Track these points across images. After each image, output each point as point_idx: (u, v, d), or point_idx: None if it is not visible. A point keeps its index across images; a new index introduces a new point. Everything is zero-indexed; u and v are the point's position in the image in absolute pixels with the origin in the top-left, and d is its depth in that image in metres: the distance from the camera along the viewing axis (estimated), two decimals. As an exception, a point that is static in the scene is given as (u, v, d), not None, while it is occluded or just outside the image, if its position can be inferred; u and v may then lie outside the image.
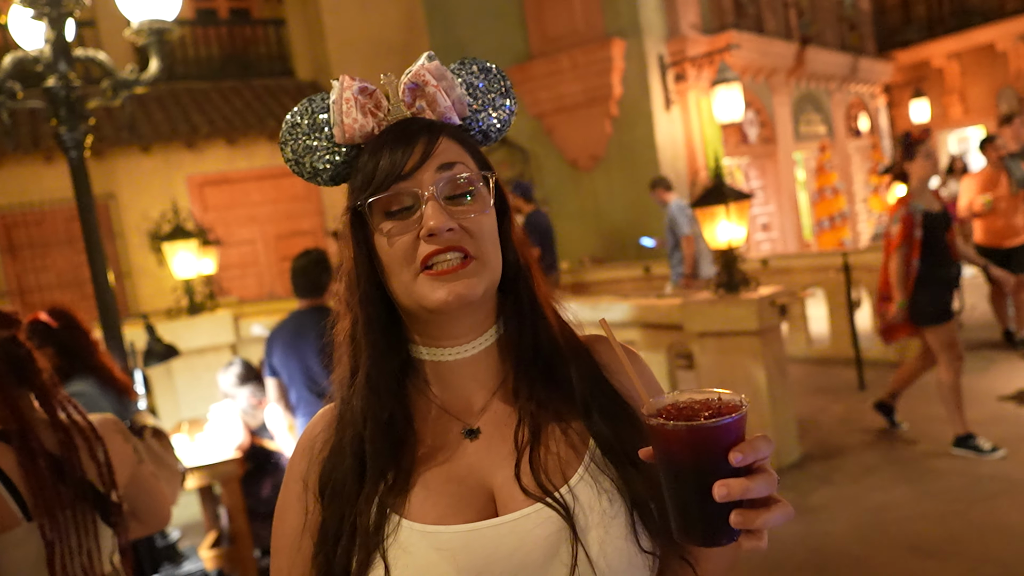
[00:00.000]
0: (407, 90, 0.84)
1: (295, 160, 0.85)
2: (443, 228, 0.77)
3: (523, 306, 0.84)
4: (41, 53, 3.24)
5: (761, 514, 0.64)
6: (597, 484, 0.77)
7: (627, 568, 0.75)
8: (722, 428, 0.64)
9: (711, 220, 4.64)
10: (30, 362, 1.63)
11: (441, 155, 0.80)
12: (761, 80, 11.43)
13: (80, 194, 3.40)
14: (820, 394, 5.78)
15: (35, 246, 8.54)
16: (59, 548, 1.52)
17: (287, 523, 0.85)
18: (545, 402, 0.82)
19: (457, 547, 0.75)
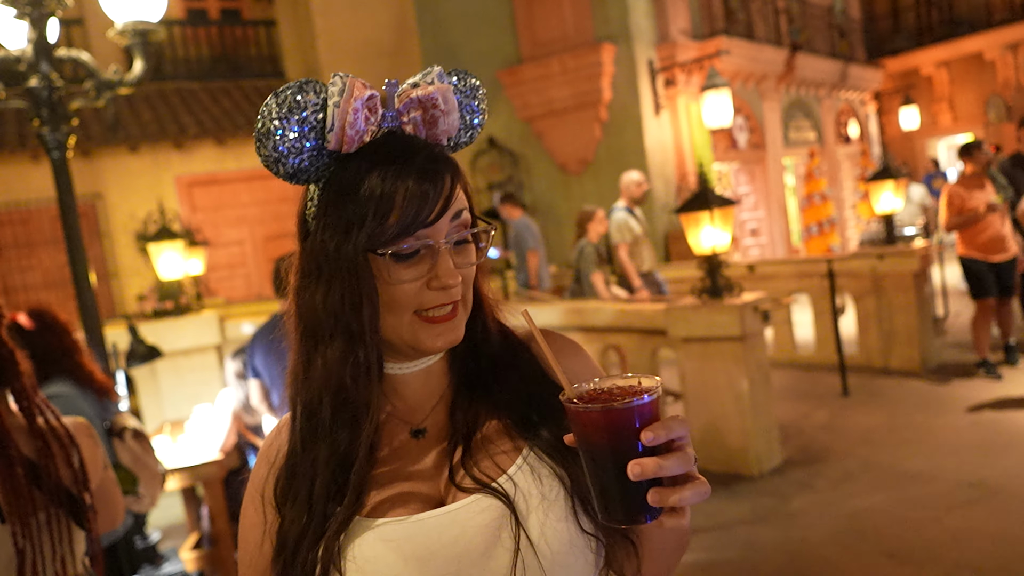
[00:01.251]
0: (411, 101, 0.81)
1: (275, 159, 0.78)
2: (455, 284, 0.79)
3: (476, 330, 0.87)
4: (23, 53, 3.23)
5: (677, 491, 0.66)
6: (535, 472, 0.80)
7: (569, 550, 0.77)
8: (634, 409, 0.67)
9: (695, 226, 4.66)
10: (12, 364, 1.62)
11: (457, 202, 0.80)
12: (751, 86, 11.49)
13: (62, 194, 3.39)
14: (804, 400, 5.81)
15: (21, 245, 8.49)
16: (30, 554, 1.51)
17: (249, 536, 0.88)
18: (487, 404, 0.85)
19: (402, 538, 0.77)
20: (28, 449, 1.58)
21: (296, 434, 0.84)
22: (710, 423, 4.59)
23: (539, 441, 0.82)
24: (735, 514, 3.95)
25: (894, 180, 6.41)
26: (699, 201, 4.68)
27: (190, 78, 9.95)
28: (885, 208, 6.49)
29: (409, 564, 0.76)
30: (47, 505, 1.56)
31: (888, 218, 6.56)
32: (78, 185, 4.68)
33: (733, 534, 3.73)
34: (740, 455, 4.47)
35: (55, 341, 2.72)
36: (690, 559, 3.54)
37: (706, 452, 4.63)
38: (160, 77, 9.58)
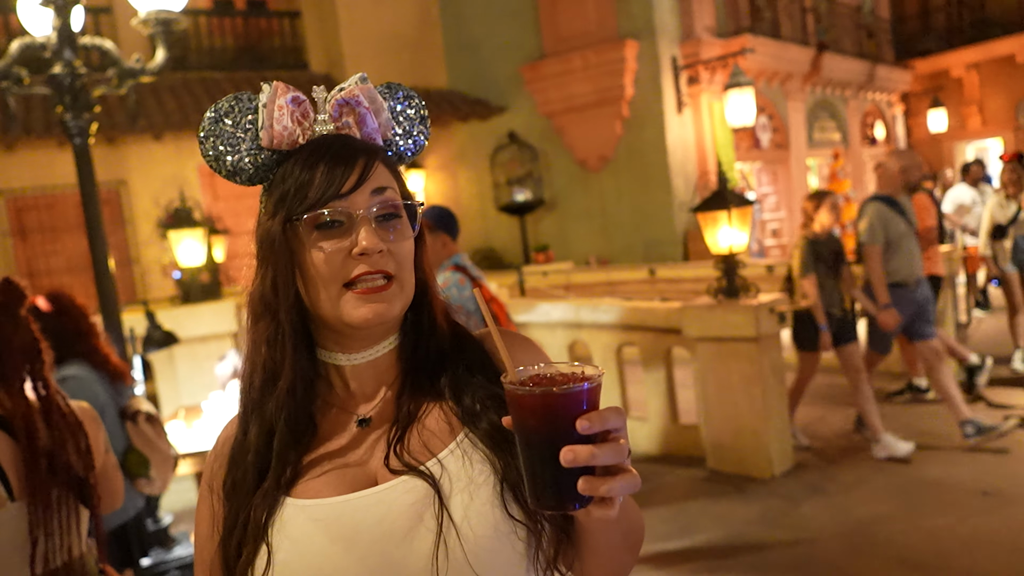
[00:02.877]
0: (337, 106, 0.87)
1: (215, 157, 0.86)
2: (375, 249, 0.81)
3: (423, 322, 0.91)
4: (48, 40, 3.27)
5: (607, 481, 0.66)
6: (467, 457, 0.82)
7: (492, 534, 0.78)
8: (571, 395, 0.67)
9: (713, 225, 4.63)
10: (36, 350, 1.67)
11: (375, 179, 0.84)
12: (775, 85, 11.38)
13: (84, 180, 3.44)
14: (820, 403, 5.76)
15: (45, 230, 8.62)
16: (43, 531, 1.56)
17: (200, 526, 0.91)
18: (428, 395, 0.88)
19: (330, 517, 0.80)
20: (43, 434, 1.62)
21: (240, 416, 0.89)
22: (723, 424, 4.56)
23: (475, 428, 0.84)
24: (745, 516, 3.92)
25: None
26: (717, 200, 4.64)
27: (214, 68, 10.03)
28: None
29: (335, 543, 0.79)
30: (57, 486, 1.61)
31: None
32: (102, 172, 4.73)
33: (742, 536, 3.71)
34: (752, 457, 4.44)
35: (71, 324, 2.76)
36: (695, 559, 3.53)
37: (718, 453, 4.60)
38: (185, 67, 9.66)
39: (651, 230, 9.80)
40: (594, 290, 8.35)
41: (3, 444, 1.57)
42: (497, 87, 10.61)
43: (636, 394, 5.31)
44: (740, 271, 4.63)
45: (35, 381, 1.67)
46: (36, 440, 1.58)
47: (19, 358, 1.63)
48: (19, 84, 3.34)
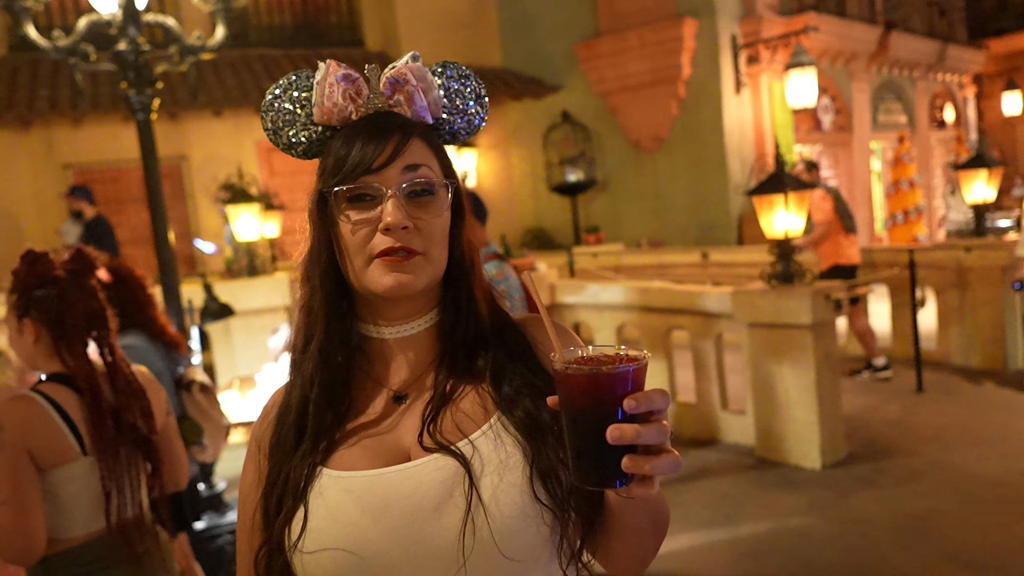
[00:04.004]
0: (388, 84, 0.89)
1: (273, 130, 0.91)
2: (398, 225, 0.83)
3: (461, 299, 0.92)
4: (114, 17, 3.36)
5: (651, 460, 0.68)
6: (499, 440, 0.84)
7: (519, 515, 0.80)
8: (618, 376, 0.69)
9: (769, 209, 4.53)
10: (103, 317, 1.78)
11: (409, 156, 0.86)
12: (839, 65, 11.01)
13: (145, 154, 3.53)
14: (874, 393, 5.62)
15: (111, 202, 8.90)
16: (114, 485, 1.69)
17: (245, 479, 0.96)
18: (465, 376, 0.90)
19: (362, 489, 0.83)
20: (108, 394, 1.75)
21: (287, 383, 0.93)
22: (773, 411, 4.49)
23: (510, 414, 0.85)
24: (791, 505, 3.87)
25: (988, 169, 6.06)
26: (774, 183, 4.54)
27: (273, 45, 10.17)
28: (976, 198, 6.15)
29: (366, 514, 0.82)
30: (125, 445, 1.74)
31: (978, 208, 6.22)
32: (164, 147, 4.86)
33: (787, 525, 3.66)
34: (802, 446, 4.36)
35: (130, 295, 2.85)
36: (739, 547, 3.50)
37: (766, 441, 4.53)
38: (245, 44, 9.82)
39: (705, 213, 9.64)
40: (644, 272, 8.27)
41: (72, 402, 1.69)
42: (551, 65, 10.51)
43: (684, 378, 5.26)
44: (796, 256, 4.53)
45: (101, 346, 1.78)
46: (100, 399, 1.70)
47: (82, 322, 1.72)
48: (86, 60, 3.44)
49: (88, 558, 1.71)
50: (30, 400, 1.66)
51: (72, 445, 1.67)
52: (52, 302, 1.71)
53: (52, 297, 1.71)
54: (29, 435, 1.61)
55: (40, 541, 1.60)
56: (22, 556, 1.60)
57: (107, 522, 1.70)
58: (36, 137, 8.52)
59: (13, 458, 1.58)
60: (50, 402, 1.67)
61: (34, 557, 1.61)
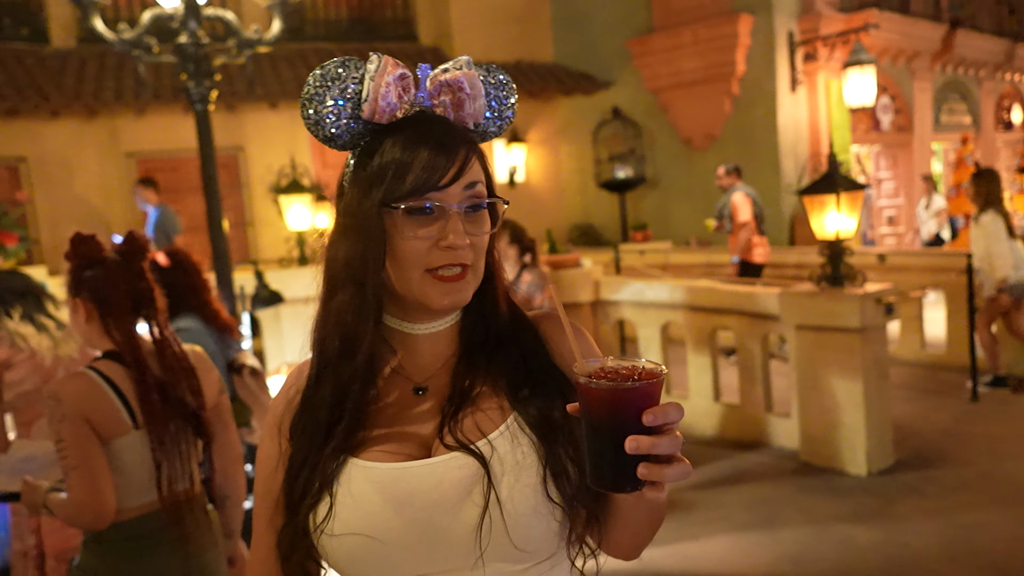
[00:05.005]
0: (439, 85, 0.90)
1: (315, 121, 0.88)
2: (463, 245, 0.86)
3: (486, 303, 0.95)
4: (176, 11, 3.47)
5: (663, 468, 0.73)
6: (515, 440, 0.88)
7: (532, 513, 0.84)
8: (638, 391, 0.73)
9: (820, 209, 4.44)
10: (150, 297, 1.87)
11: (471, 174, 0.88)
12: (901, 63, 10.71)
13: (203, 144, 3.65)
14: (926, 401, 5.47)
15: (171, 190, 9.16)
16: (165, 457, 1.78)
17: (263, 452, 0.99)
18: (484, 374, 0.93)
19: (387, 481, 0.87)
20: (155, 367, 1.84)
21: (312, 371, 0.94)
22: (818, 416, 4.41)
23: (525, 413, 0.89)
24: (834, 511, 3.80)
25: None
26: (826, 184, 4.45)
27: (328, 39, 10.33)
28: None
29: (389, 504, 0.86)
30: (174, 417, 1.82)
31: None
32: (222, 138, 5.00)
33: (829, 531, 3.60)
34: (848, 452, 4.28)
35: (186, 279, 2.96)
36: (778, 551, 3.46)
37: (811, 445, 4.46)
38: (301, 38, 10.00)
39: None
40: (692, 271, 8.19)
41: (124, 377, 1.79)
42: (603, 61, 10.46)
43: (729, 379, 5.21)
44: (847, 258, 4.43)
45: (150, 325, 1.87)
46: (146, 374, 1.78)
47: (127, 302, 1.82)
48: (149, 53, 3.56)
49: (139, 531, 1.79)
50: (84, 376, 1.76)
51: (124, 418, 1.76)
52: (99, 282, 1.81)
53: (99, 277, 1.81)
54: (86, 407, 1.71)
55: (110, 504, 1.70)
56: (93, 519, 1.70)
57: (159, 492, 1.77)
58: (102, 126, 8.83)
59: (75, 428, 1.69)
60: (103, 377, 1.77)
61: (105, 520, 1.71)
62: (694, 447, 4.91)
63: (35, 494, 1.85)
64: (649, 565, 3.38)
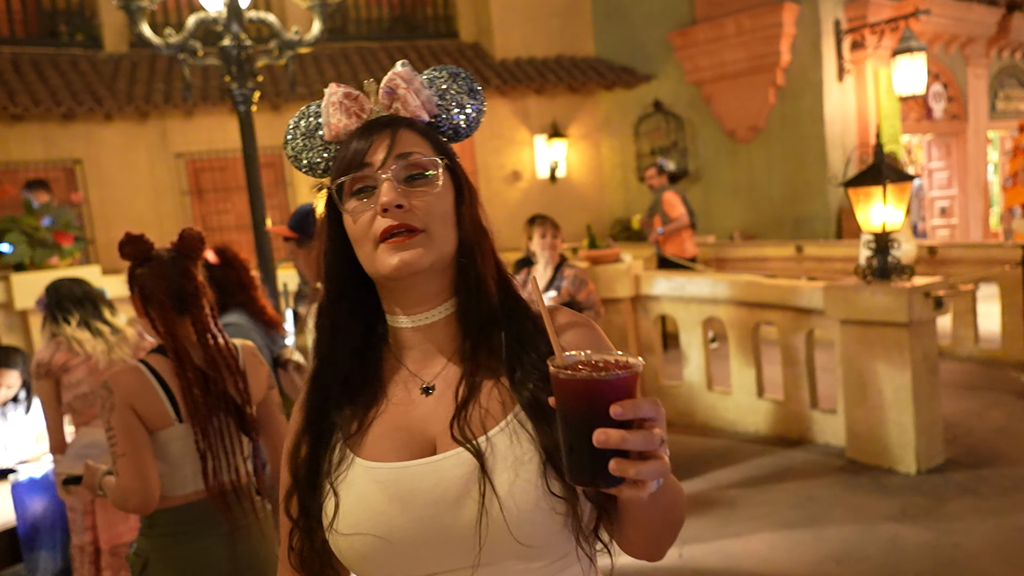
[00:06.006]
0: (384, 94, 0.95)
1: (294, 156, 0.99)
2: (393, 203, 0.88)
3: (470, 283, 0.95)
4: (219, 15, 3.55)
5: (636, 465, 0.71)
6: (515, 436, 0.88)
7: (533, 508, 0.84)
8: (608, 383, 0.72)
9: (866, 201, 4.34)
10: (194, 297, 1.94)
11: (400, 146, 0.91)
12: (954, 50, 10.38)
13: (246, 144, 3.73)
14: (979, 398, 5.31)
15: (218, 190, 9.40)
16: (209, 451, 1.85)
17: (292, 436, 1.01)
18: (486, 365, 0.93)
19: (390, 480, 0.89)
20: (200, 361, 1.91)
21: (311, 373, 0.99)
22: (865, 412, 4.32)
23: (525, 405, 0.89)
24: (882, 510, 3.72)
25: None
26: (872, 175, 4.34)
27: (370, 38, 10.44)
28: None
29: (393, 503, 0.88)
30: (216, 409, 1.88)
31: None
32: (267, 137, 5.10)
33: (876, 530, 3.52)
34: (896, 449, 4.18)
35: (234, 276, 3.04)
36: (823, 549, 3.40)
37: (857, 442, 4.37)
38: (343, 37, 10.13)
39: (802, 205, 9.31)
40: (736, 266, 8.08)
41: (170, 371, 1.86)
42: (644, 55, 10.36)
43: (773, 375, 5.13)
44: (894, 251, 4.33)
45: (194, 322, 1.93)
46: (187, 369, 1.85)
47: (167, 299, 1.89)
48: (194, 56, 3.65)
49: (188, 517, 1.87)
50: (135, 369, 1.85)
51: (168, 411, 1.85)
52: (144, 279, 1.90)
53: (145, 275, 1.90)
54: (133, 398, 1.80)
55: (155, 491, 1.79)
56: (140, 504, 1.79)
57: (204, 482, 1.84)
58: (152, 128, 9.08)
59: (124, 417, 1.78)
60: (151, 371, 1.85)
61: (150, 506, 1.80)
62: (738, 444, 4.85)
63: (93, 477, 1.95)
64: (690, 562, 3.36)
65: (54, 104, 8.12)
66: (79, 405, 2.96)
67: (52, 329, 3.01)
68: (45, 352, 2.96)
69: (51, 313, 3.03)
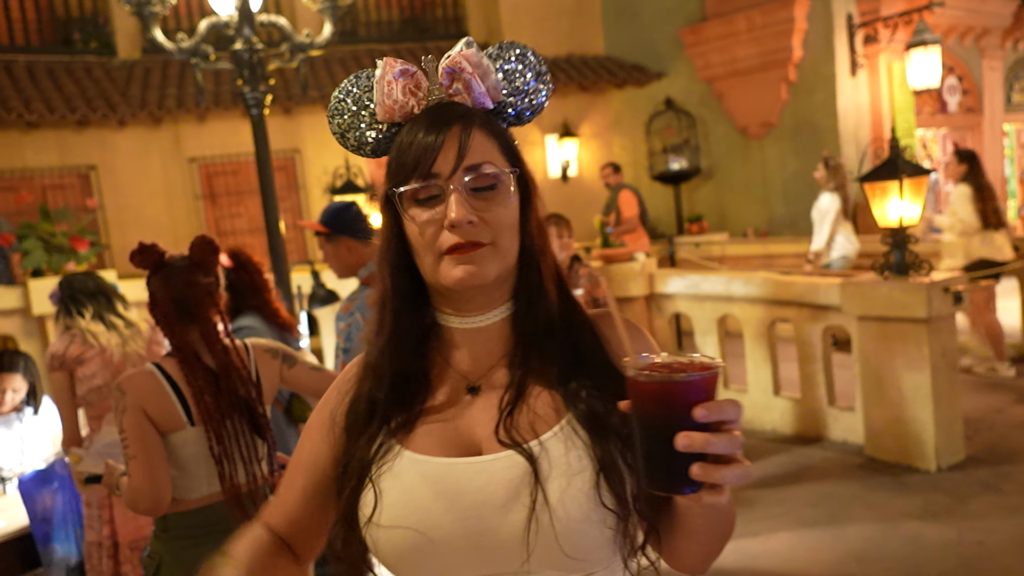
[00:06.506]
0: (444, 74, 0.88)
1: (340, 133, 0.93)
2: (463, 221, 0.83)
3: (532, 288, 0.91)
4: (231, 18, 3.56)
5: (720, 469, 0.68)
6: (569, 443, 0.84)
7: (584, 519, 0.81)
8: (690, 384, 0.69)
9: (882, 196, 4.30)
10: (199, 306, 1.95)
11: (471, 154, 0.85)
12: (969, 42, 10.27)
13: (259, 148, 3.74)
14: (1000, 393, 5.25)
15: (231, 193, 9.44)
16: (224, 454, 1.85)
17: (307, 441, 0.99)
18: (537, 373, 0.89)
19: (437, 476, 0.85)
20: (206, 362, 1.92)
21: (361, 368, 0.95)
22: (884, 409, 4.27)
23: (579, 413, 0.85)
24: (903, 508, 3.68)
25: None
26: (888, 169, 4.30)
27: (381, 41, 10.45)
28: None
29: (439, 500, 0.84)
30: (231, 415, 1.89)
31: None
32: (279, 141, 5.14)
33: (898, 528, 3.48)
34: (916, 447, 4.13)
35: (248, 279, 3.05)
36: (844, 548, 3.36)
37: (876, 440, 4.32)
38: (354, 40, 10.15)
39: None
40: (749, 263, 8.02)
41: (182, 375, 1.87)
42: (655, 52, 10.32)
43: (789, 373, 5.08)
44: (912, 246, 4.28)
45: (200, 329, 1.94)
46: (196, 374, 1.86)
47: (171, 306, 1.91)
48: (206, 60, 3.66)
49: (201, 521, 1.87)
50: (148, 372, 1.87)
51: (180, 415, 1.86)
52: (154, 287, 1.94)
53: (154, 283, 1.94)
54: (145, 401, 1.82)
55: (165, 494, 1.80)
56: (150, 506, 1.80)
57: (221, 486, 1.84)
58: (166, 133, 9.13)
59: (135, 420, 1.80)
60: (164, 375, 1.87)
61: (160, 508, 1.81)
62: (754, 442, 4.81)
63: (112, 476, 1.96)
64: (708, 562, 3.33)
65: (68, 111, 8.18)
66: (93, 398, 2.97)
67: (66, 322, 3.03)
68: (59, 344, 2.97)
69: (65, 306, 3.04)
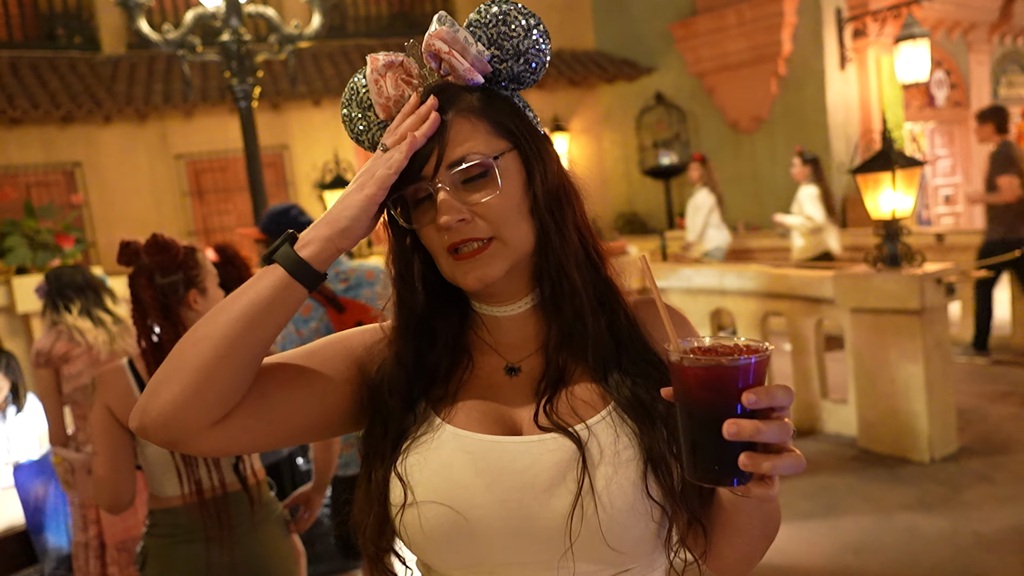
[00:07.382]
0: (429, 58, 0.85)
1: (355, 137, 0.91)
2: (453, 222, 0.80)
3: (551, 271, 0.86)
4: (218, 10, 3.51)
5: (771, 459, 0.64)
6: (616, 430, 0.81)
7: (629, 510, 0.77)
8: (738, 368, 0.65)
9: (874, 188, 4.29)
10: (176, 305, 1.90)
11: (450, 147, 0.81)
12: (956, 36, 10.31)
13: (247, 141, 3.69)
14: (992, 385, 5.26)
15: (219, 190, 9.36)
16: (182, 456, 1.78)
17: (329, 348, 0.91)
18: (577, 358, 0.86)
19: (479, 452, 0.81)
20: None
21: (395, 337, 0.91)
22: (877, 401, 4.27)
23: (624, 401, 0.82)
24: (898, 499, 3.68)
25: None
26: (880, 161, 4.29)
27: (369, 35, 10.39)
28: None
29: (480, 477, 0.80)
30: None
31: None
32: (268, 137, 5.08)
33: (893, 519, 3.48)
34: (909, 438, 4.13)
35: (235, 273, 2.99)
36: (840, 540, 3.35)
37: (870, 432, 4.32)
38: (343, 35, 10.08)
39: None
40: (741, 256, 8.03)
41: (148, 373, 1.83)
42: (645, 47, 10.31)
43: (781, 365, 5.08)
44: (904, 238, 4.28)
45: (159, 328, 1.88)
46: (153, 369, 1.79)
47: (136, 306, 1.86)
48: (193, 52, 3.61)
49: (176, 520, 1.81)
50: (117, 368, 1.84)
51: None
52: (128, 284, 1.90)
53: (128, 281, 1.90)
54: (109, 398, 1.78)
55: (125, 492, 1.76)
56: (110, 502, 1.76)
57: (181, 490, 1.78)
58: (152, 130, 9.04)
59: (101, 415, 1.77)
60: (134, 372, 1.83)
61: (119, 506, 1.77)
62: (748, 435, 4.81)
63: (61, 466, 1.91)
64: (704, 555, 3.31)
65: (53, 107, 8.08)
66: (79, 397, 2.92)
67: (52, 317, 2.95)
68: (45, 341, 2.90)
69: (52, 301, 2.97)
